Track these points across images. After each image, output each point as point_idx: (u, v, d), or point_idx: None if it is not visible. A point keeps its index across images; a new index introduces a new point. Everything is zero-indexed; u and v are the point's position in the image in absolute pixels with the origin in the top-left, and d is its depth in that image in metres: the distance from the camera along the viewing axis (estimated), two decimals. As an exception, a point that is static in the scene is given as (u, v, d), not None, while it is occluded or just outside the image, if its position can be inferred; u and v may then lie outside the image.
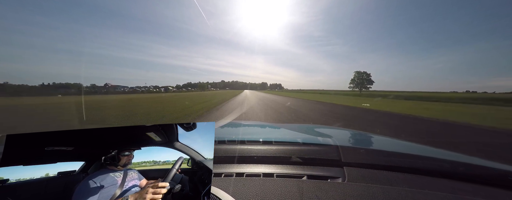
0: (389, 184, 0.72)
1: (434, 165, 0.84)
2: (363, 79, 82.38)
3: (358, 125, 6.61)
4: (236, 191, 0.65)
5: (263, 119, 7.26)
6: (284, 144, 0.98)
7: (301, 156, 0.90)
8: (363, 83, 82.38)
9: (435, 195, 0.64)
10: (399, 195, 0.64)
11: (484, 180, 0.76)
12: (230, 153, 0.91)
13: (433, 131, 5.69)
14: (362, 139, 1.48)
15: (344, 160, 0.88)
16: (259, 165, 0.87)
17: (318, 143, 1.01)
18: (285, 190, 0.66)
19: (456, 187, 0.73)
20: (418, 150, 1.13)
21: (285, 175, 0.80)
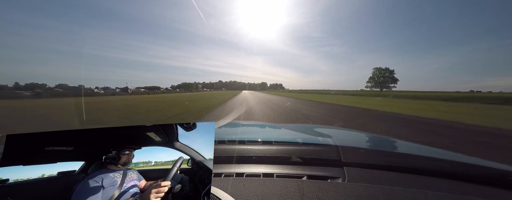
0: (389, 184, 0.72)
1: (434, 165, 0.84)
2: (385, 77, 71.51)
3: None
4: (236, 191, 0.65)
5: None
6: (284, 144, 0.98)
7: (301, 156, 0.90)
8: (386, 82, 71.67)
9: (435, 195, 0.64)
10: (399, 195, 0.64)
11: (484, 180, 0.76)
12: (230, 153, 0.91)
13: None
14: (362, 139, 1.48)
15: (344, 160, 0.88)
16: (259, 165, 0.87)
17: (318, 143, 1.01)
18: (285, 190, 0.66)
19: (456, 187, 0.73)
20: (418, 150, 1.13)
21: (285, 175, 0.80)
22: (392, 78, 71.19)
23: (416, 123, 7.01)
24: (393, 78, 70.94)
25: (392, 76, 71.11)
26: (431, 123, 7.03)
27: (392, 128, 6.17)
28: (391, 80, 71.29)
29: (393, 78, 70.94)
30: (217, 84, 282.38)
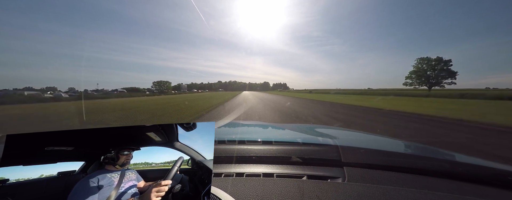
0: (389, 184, 0.72)
1: (434, 165, 0.84)
2: (437, 69, 47.16)
3: None
4: (236, 191, 0.65)
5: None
6: (284, 144, 0.98)
7: (301, 156, 0.90)
8: (437, 77, 47.76)
9: (435, 195, 0.64)
10: (399, 195, 0.64)
11: (484, 180, 0.76)
12: (230, 153, 0.91)
13: None
14: (362, 139, 1.48)
15: (344, 160, 0.88)
16: (259, 165, 0.87)
17: (318, 143, 1.01)
18: (285, 190, 0.66)
19: (456, 187, 0.73)
20: (418, 150, 1.13)
21: (285, 175, 0.80)
22: (448, 71, 46.70)
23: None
24: (449, 72, 46.59)
25: (447, 68, 46.57)
26: None
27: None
28: (448, 75, 46.83)
29: (449, 72, 46.59)
30: (216, 84, 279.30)
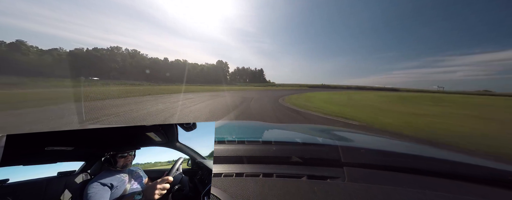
0: (389, 184, 0.72)
1: (434, 165, 0.84)
2: None
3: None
4: (235, 191, 0.65)
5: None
6: (284, 144, 0.98)
7: (301, 156, 0.90)
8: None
9: (435, 195, 0.64)
10: (399, 195, 0.64)
11: (484, 180, 0.76)
12: (229, 153, 0.91)
13: None
14: (362, 139, 1.48)
15: (344, 160, 0.88)
16: (258, 165, 0.87)
17: (318, 143, 1.01)
18: (285, 190, 0.66)
19: (456, 187, 0.73)
20: (418, 150, 1.13)
21: (285, 175, 0.80)
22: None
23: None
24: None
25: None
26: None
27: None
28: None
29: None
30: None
